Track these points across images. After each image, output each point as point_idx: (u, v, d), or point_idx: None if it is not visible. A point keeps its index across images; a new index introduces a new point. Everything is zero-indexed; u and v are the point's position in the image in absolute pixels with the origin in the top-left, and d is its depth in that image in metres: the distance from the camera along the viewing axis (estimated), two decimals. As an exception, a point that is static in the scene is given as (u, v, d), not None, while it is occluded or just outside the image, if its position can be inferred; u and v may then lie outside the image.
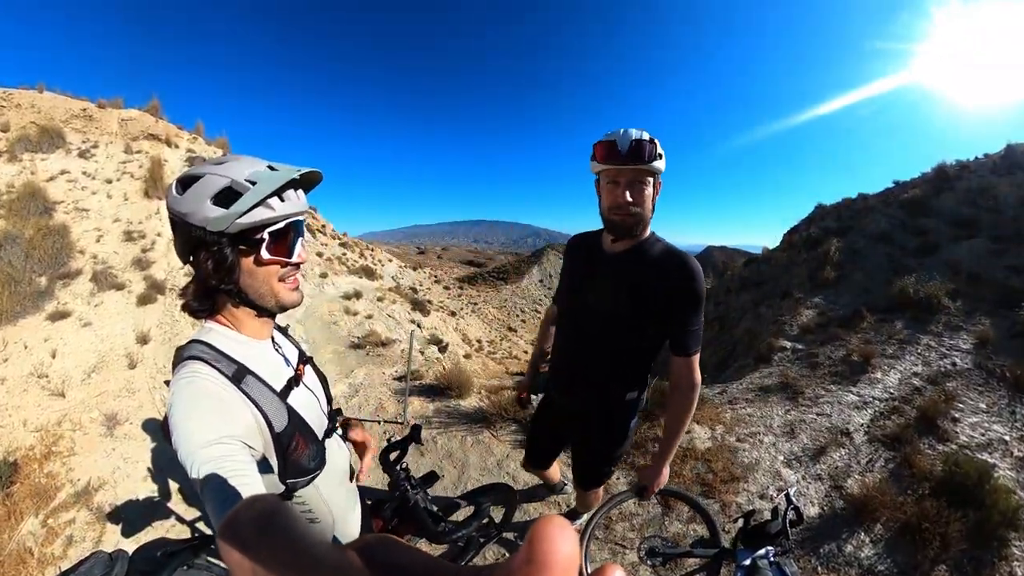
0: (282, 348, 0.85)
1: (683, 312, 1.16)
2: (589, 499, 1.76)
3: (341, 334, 5.31)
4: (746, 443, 2.76)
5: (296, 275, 0.78)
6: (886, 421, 2.78)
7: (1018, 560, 1.82)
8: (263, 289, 0.74)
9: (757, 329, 5.33)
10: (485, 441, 2.98)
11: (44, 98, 6.45)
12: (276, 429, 0.71)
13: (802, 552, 1.97)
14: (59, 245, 3.80)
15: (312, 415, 0.82)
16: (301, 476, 0.76)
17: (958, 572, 1.81)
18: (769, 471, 2.49)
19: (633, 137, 1.09)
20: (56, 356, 3.06)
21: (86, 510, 2.35)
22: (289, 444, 0.72)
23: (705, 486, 2.39)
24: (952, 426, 2.64)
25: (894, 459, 2.45)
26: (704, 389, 3.65)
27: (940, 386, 3.02)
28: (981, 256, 4.82)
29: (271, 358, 0.79)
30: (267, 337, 0.81)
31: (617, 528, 2.15)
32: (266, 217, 0.68)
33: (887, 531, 1.99)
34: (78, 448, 2.63)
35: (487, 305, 33.98)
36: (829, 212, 8.07)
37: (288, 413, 0.74)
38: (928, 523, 1.88)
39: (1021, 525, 1.90)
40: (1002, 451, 2.43)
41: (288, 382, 0.79)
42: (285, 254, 0.74)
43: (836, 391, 3.21)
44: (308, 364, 0.91)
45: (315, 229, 11.13)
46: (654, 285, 1.17)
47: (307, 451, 0.76)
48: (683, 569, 1.87)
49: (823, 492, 2.30)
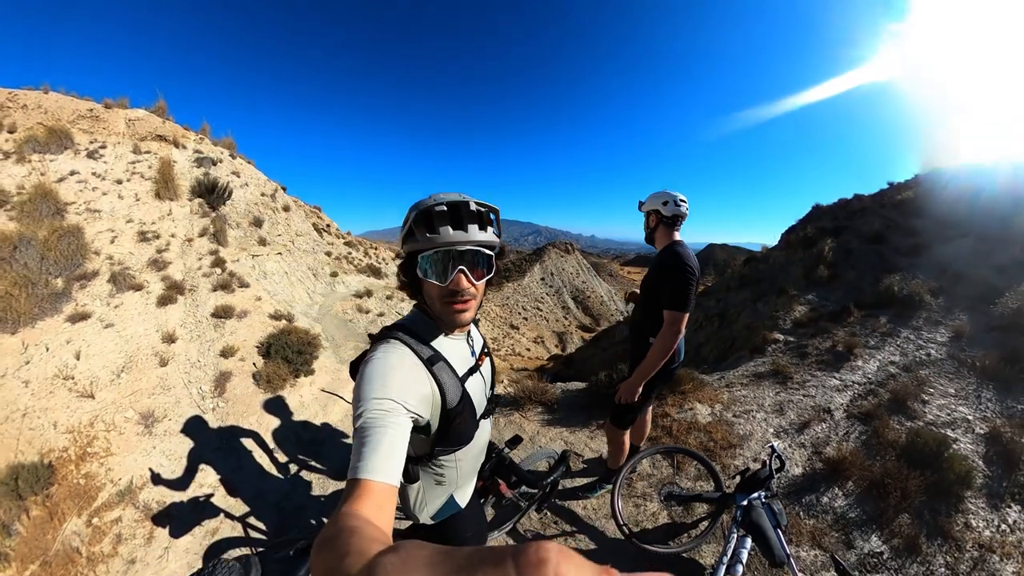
0: (473, 340, 1.04)
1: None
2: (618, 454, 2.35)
3: (359, 331, 5.47)
4: (741, 418, 3.10)
5: (460, 301, 0.86)
6: (863, 401, 3.12)
7: (972, 513, 2.18)
8: (434, 305, 0.89)
9: (755, 324, 5.52)
10: (516, 421, 3.33)
11: (50, 99, 6.37)
12: (449, 405, 0.88)
13: (787, 503, 2.36)
14: (74, 247, 3.78)
15: (478, 398, 1.00)
16: (452, 445, 0.94)
17: (918, 519, 2.17)
18: (760, 440, 2.85)
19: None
20: (81, 357, 3.02)
21: (132, 508, 2.36)
22: (456, 418, 0.90)
23: (707, 451, 2.76)
24: (921, 407, 2.97)
25: (867, 432, 2.80)
26: (704, 375, 3.95)
27: (914, 373, 3.35)
28: (968, 256, 5.04)
29: (461, 349, 0.98)
30: (464, 332, 0.99)
31: (638, 486, 2.57)
32: (415, 247, 0.84)
33: (857, 487, 2.37)
34: (115, 448, 2.62)
35: (489, 303, 34.11)
36: (826, 212, 8.24)
37: (462, 394, 0.91)
38: (891, 479, 2.26)
39: (974, 485, 2.26)
40: (964, 428, 2.75)
41: (469, 369, 0.97)
42: (439, 279, 0.84)
43: (821, 376, 3.54)
44: (487, 356, 1.10)
45: (321, 228, 11.24)
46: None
47: (466, 425, 0.94)
48: (693, 515, 2.29)
49: (806, 457, 2.67)
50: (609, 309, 45.93)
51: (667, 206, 1.93)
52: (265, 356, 3.67)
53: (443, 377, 0.87)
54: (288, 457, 2.90)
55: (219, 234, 5.32)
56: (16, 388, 2.72)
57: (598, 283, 52.44)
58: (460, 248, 0.83)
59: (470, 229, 0.83)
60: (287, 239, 7.16)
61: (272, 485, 2.67)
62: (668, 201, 1.94)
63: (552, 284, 46.01)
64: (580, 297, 46.39)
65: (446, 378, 0.87)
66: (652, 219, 2.00)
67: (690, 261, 1.81)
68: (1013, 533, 2.06)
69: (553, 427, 3.21)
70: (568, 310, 43.04)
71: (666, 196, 1.96)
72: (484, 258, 0.88)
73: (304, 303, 5.87)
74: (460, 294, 0.85)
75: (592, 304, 45.83)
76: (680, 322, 1.80)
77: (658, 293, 1.88)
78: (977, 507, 2.20)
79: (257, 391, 3.34)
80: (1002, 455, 2.44)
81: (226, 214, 5.95)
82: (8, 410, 2.59)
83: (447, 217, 0.82)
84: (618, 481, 2.18)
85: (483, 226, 0.86)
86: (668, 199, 1.94)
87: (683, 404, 3.26)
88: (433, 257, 0.84)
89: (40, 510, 2.22)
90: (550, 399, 3.49)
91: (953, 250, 5.25)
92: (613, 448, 2.36)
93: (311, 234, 8.74)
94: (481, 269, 0.87)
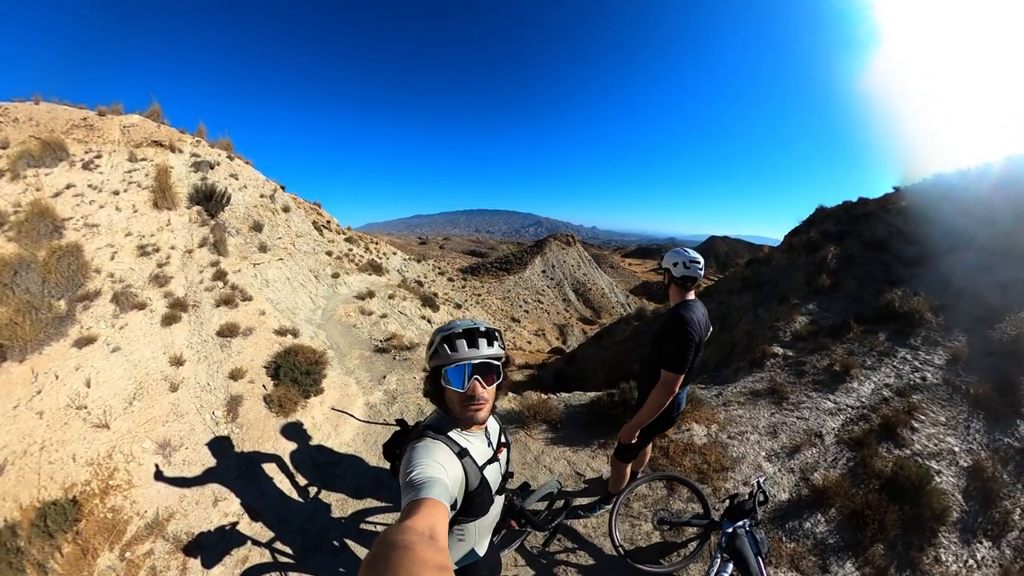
0: (490, 432, 1.25)
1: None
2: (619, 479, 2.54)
3: (363, 337, 5.50)
4: (735, 440, 3.22)
5: (476, 403, 1.09)
6: (854, 427, 3.22)
7: (944, 547, 2.32)
8: (454, 408, 1.11)
9: (755, 331, 5.56)
10: (522, 439, 3.42)
11: (41, 110, 6.16)
12: (471, 488, 1.10)
13: (771, 526, 2.52)
14: (74, 266, 3.72)
15: (494, 479, 1.22)
16: (470, 515, 1.16)
17: (891, 550, 2.31)
18: (752, 464, 2.98)
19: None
20: (91, 385, 3.01)
21: (162, 540, 2.39)
22: (475, 497, 1.11)
23: (701, 474, 2.91)
24: (910, 434, 3.06)
25: (855, 459, 2.91)
26: (702, 390, 4.09)
27: (907, 398, 3.42)
28: (972, 270, 4.99)
29: (480, 442, 1.19)
30: (481, 429, 1.21)
31: (634, 506, 2.73)
32: (437, 363, 1.08)
33: (839, 514, 2.50)
34: (136, 480, 2.63)
35: (491, 296, 34.15)
36: (830, 215, 8.16)
37: (481, 479, 1.13)
38: (870, 510, 2.39)
39: (949, 521, 2.38)
40: (949, 460, 2.83)
41: (488, 460, 1.19)
42: (457, 387, 1.07)
43: (816, 398, 3.64)
44: (506, 448, 1.31)
45: (321, 226, 11.18)
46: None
47: (483, 501, 1.16)
48: (683, 536, 2.47)
49: (793, 482, 2.81)
50: (610, 301, 46.02)
51: (677, 267, 2.03)
52: (274, 377, 3.73)
53: (467, 467, 1.09)
54: (307, 480, 3.01)
55: (219, 243, 5.31)
56: (31, 420, 2.75)
57: (599, 275, 52.37)
58: (474, 361, 1.06)
59: (481, 345, 1.07)
60: (287, 241, 7.14)
61: (294, 509, 2.78)
62: (679, 263, 2.03)
63: (553, 276, 45.96)
64: (581, 290, 46.42)
65: (469, 468, 1.09)
66: (665, 277, 2.12)
67: (692, 327, 1.91)
68: (979, 569, 2.19)
69: (557, 446, 3.33)
70: (569, 302, 43.13)
71: (677, 257, 2.05)
72: (494, 368, 1.11)
73: (307, 308, 5.91)
74: (475, 399, 1.08)
75: (593, 296, 45.88)
76: (674, 383, 1.94)
77: (659, 348, 2.01)
78: (949, 541, 2.32)
79: (270, 415, 3.43)
80: (981, 491, 2.54)
81: (225, 221, 5.93)
82: (25, 443, 2.62)
83: (464, 338, 1.07)
84: (616, 505, 2.37)
85: (491, 343, 1.10)
86: (679, 260, 2.03)
87: (681, 424, 3.37)
88: (454, 369, 1.06)
89: (72, 547, 2.25)
90: (554, 417, 3.60)
91: (956, 263, 5.19)
92: (615, 475, 2.53)
93: (311, 234, 8.72)
94: (492, 375, 1.10)
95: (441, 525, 0.76)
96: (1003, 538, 2.32)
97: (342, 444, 3.36)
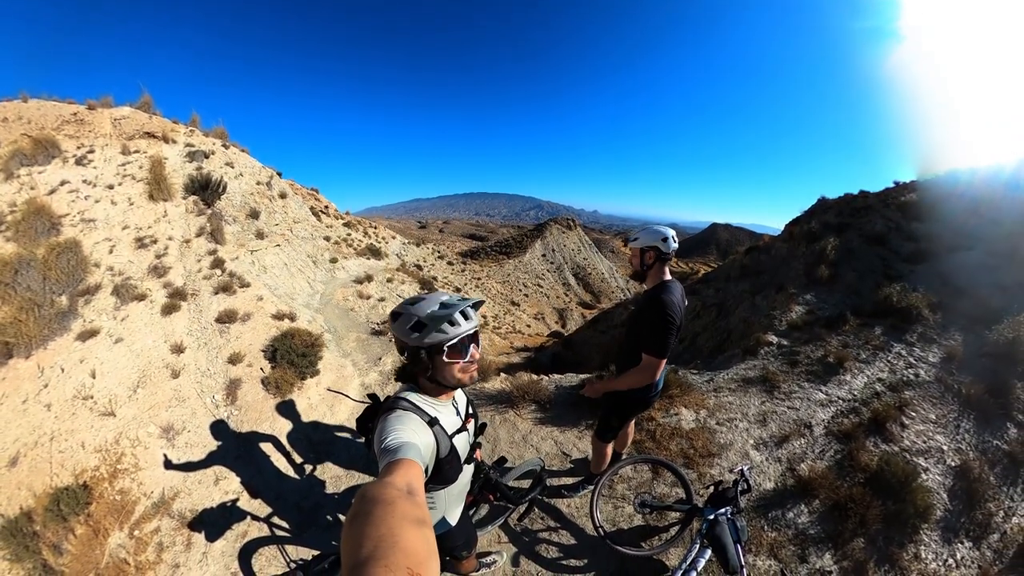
0: (458, 403, 1.33)
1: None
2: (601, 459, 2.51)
3: (360, 320, 5.55)
4: (724, 427, 3.20)
5: (473, 367, 1.22)
6: (844, 419, 3.20)
7: (924, 545, 2.33)
8: (448, 376, 1.19)
9: (752, 319, 5.57)
10: (511, 419, 3.44)
11: (29, 107, 6.01)
12: (441, 455, 1.17)
13: (755, 514, 2.52)
14: (74, 262, 3.77)
15: (462, 449, 1.29)
16: (439, 483, 1.25)
17: (872, 544, 2.31)
18: (740, 451, 2.96)
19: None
20: (96, 376, 3.11)
21: (168, 518, 2.54)
22: (444, 464, 1.19)
23: (687, 458, 2.90)
24: (900, 430, 3.04)
25: (842, 452, 2.90)
26: (693, 376, 4.05)
27: (899, 393, 3.38)
28: (973, 270, 4.89)
29: (449, 412, 1.27)
30: (450, 398, 1.29)
31: (618, 488, 2.73)
32: (440, 339, 1.13)
33: (822, 506, 2.51)
34: (142, 463, 2.75)
35: (490, 280, 34.14)
36: (831, 207, 8.05)
37: (450, 447, 1.21)
38: (854, 504, 2.39)
39: (932, 519, 2.38)
40: (937, 458, 2.81)
41: (457, 429, 1.27)
42: (460, 357, 1.18)
43: (808, 388, 3.61)
44: (473, 418, 1.41)
45: (318, 211, 11.08)
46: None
47: (452, 468, 1.23)
48: (665, 520, 2.48)
49: (779, 471, 2.80)
50: (610, 286, 46.00)
51: (666, 243, 1.89)
52: (271, 360, 3.79)
53: (437, 435, 1.16)
54: (302, 458, 3.09)
55: (216, 232, 5.30)
56: (40, 413, 2.85)
57: (600, 260, 52.11)
58: (471, 332, 1.18)
59: (472, 316, 1.19)
60: (285, 228, 7.10)
61: (290, 486, 2.88)
62: (667, 238, 1.89)
63: (553, 260, 45.78)
64: (581, 274, 46.31)
65: (439, 436, 1.17)
66: (650, 256, 1.94)
67: (672, 310, 1.81)
68: (958, 568, 2.20)
69: (545, 425, 3.34)
70: (569, 287, 43.15)
71: (663, 232, 1.91)
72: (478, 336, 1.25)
73: (305, 293, 5.94)
74: (474, 362, 1.22)
75: (593, 281, 45.83)
76: (656, 367, 1.86)
77: (640, 332, 1.92)
78: (931, 539, 2.32)
79: (267, 397, 3.49)
80: (966, 491, 2.54)
81: (222, 209, 5.88)
82: (36, 435, 2.73)
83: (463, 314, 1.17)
84: (597, 486, 2.36)
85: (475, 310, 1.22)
86: (666, 235, 1.90)
87: (669, 408, 3.36)
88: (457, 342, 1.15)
89: (84, 528, 2.39)
90: (544, 397, 3.59)
91: (958, 261, 5.09)
92: (596, 456, 2.51)
93: (309, 219, 8.65)
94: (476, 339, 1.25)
95: (418, 483, 0.77)
96: (984, 539, 2.32)
97: (337, 423, 3.42)
